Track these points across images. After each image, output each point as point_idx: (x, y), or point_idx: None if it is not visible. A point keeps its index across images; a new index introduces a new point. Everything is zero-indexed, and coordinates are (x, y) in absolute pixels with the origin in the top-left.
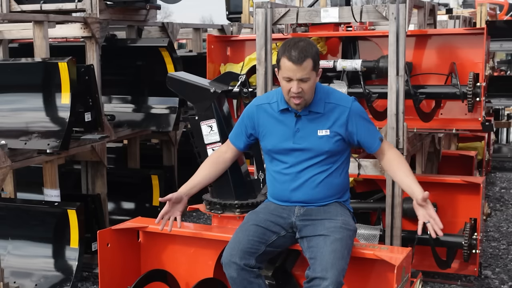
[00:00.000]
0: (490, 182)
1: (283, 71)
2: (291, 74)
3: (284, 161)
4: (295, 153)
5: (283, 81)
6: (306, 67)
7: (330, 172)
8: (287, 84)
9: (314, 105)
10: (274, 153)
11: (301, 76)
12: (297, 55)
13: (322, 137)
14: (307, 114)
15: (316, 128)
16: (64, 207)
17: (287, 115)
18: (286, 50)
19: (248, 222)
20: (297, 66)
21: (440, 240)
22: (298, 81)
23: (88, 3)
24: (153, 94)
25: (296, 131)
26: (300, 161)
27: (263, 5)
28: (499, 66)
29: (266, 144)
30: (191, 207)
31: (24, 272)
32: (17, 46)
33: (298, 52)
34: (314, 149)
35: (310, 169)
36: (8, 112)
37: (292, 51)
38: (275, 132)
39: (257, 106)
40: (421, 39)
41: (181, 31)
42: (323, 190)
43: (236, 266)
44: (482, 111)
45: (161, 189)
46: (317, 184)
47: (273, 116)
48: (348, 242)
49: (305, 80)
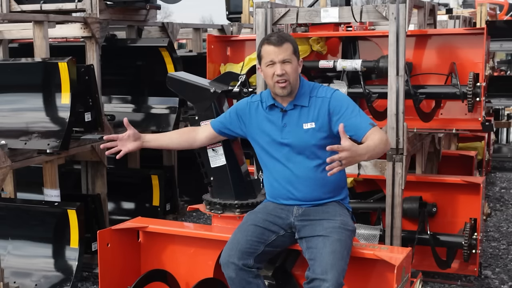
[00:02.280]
0: (490, 182)
1: (265, 58)
2: (273, 56)
3: (276, 157)
4: (284, 148)
5: (266, 69)
6: (287, 49)
7: (323, 167)
8: (271, 69)
9: (298, 99)
10: (266, 150)
11: (283, 58)
12: (277, 38)
13: (307, 131)
14: (292, 108)
15: (302, 122)
16: (64, 207)
17: (274, 111)
18: (265, 39)
19: (247, 222)
20: (278, 48)
21: (440, 240)
22: (281, 63)
23: (88, 3)
24: (153, 94)
25: (283, 126)
26: (291, 156)
27: (263, 5)
28: (499, 66)
29: (258, 143)
30: (191, 207)
31: (24, 272)
32: (17, 46)
33: (277, 36)
34: (302, 143)
35: (302, 164)
36: (8, 112)
37: (271, 37)
38: (265, 130)
39: (250, 103)
40: (421, 39)
41: (181, 31)
42: (317, 186)
43: (235, 266)
44: (482, 111)
45: (161, 189)
46: (310, 180)
47: (262, 115)
48: (348, 242)
49: (287, 61)
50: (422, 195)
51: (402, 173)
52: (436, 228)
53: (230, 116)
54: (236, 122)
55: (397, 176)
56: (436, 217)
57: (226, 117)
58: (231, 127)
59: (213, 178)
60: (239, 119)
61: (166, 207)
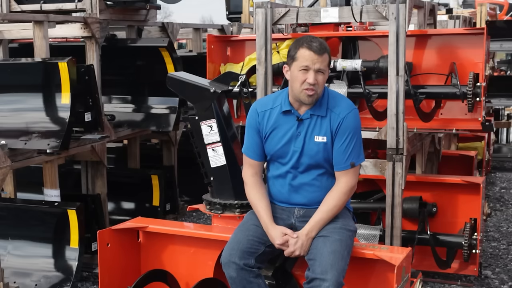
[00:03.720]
0: (490, 182)
1: (300, 61)
2: (309, 63)
3: (284, 163)
4: (294, 156)
5: (298, 73)
6: (325, 60)
7: (330, 175)
8: (303, 75)
9: (316, 109)
10: (275, 155)
11: (319, 67)
12: (319, 46)
13: (318, 144)
14: (309, 117)
15: (314, 134)
16: (64, 207)
17: (289, 117)
18: (305, 41)
19: (248, 222)
20: (317, 56)
21: (440, 240)
22: (315, 72)
23: (88, 3)
24: (153, 94)
25: (297, 135)
26: (300, 164)
27: (263, 5)
28: (499, 66)
29: (268, 147)
30: (191, 207)
31: (24, 272)
32: (17, 46)
33: (319, 44)
34: (312, 154)
35: (310, 172)
36: (8, 112)
37: (312, 42)
38: (277, 135)
39: (259, 112)
40: (421, 39)
41: (181, 31)
42: (322, 193)
43: (236, 266)
44: (482, 111)
45: (161, 189)
46: (316, 187)
47: (275, 120)
48: (348, 242)
49: (322, 72)
50: (422, 195)
51: (402, 173)
52: (436, 228)
53: (253, 137)
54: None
55: (397, 176)
56: (436, 217)
57: (252, 142)
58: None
59: (213, 178)
60: (258, 133)
61: (166, 207)
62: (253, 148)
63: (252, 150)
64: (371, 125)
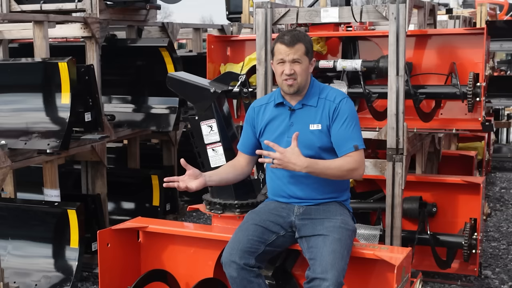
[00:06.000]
0: (490, 182)
1: (276, 55)
2: (284, 55)
3: None
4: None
5: (277, 66)
6: (298, 50)
7: None
8: (280, 67)
9: (307, 99)
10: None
11: (293, 57)
12: (289, 38)
13: (313, 132)
14: (301, 107)
15: (308, 123)
16: (64, 207)
17: (282, 109)
18: (279, 37)
19: (248, 222)
20: (289, 48)
21: (440, 240)
22: (290, 63)
23: (88, 3)
24: (153, 94)
25: (290, 125)
26: None
27: (263, 5)
28: (499, 66)
29: (264, 140)
30: (191, 207)
31: (24, 272)
32: (17, 46)
33: (291, 36)
34: (307, 143)
35: None
36: (8, 112)
37: (284, 36)
38: (271, 128)
39: (255, 108)
40: (421, 39)
41: (181, 31)
42: (320, 186)
43: (236, 265)
44: (482, 111)
45: (161, 189)
46: (314, 179)
47: (270, 113)
48: (348, 242)
49: (297, 62)
50: (422, 195)
51: (402, 173)
52: (436, 228)
53: (246, 131)
54: (252, 132)
55: (397, 176)
56: (436, 217)
57: (244, 136)
58: (254, 139)
59: None
60: (252, 128)
61: (166, 207)
62: (242, 140)
63: (242, 142)
64: (371, 125)
